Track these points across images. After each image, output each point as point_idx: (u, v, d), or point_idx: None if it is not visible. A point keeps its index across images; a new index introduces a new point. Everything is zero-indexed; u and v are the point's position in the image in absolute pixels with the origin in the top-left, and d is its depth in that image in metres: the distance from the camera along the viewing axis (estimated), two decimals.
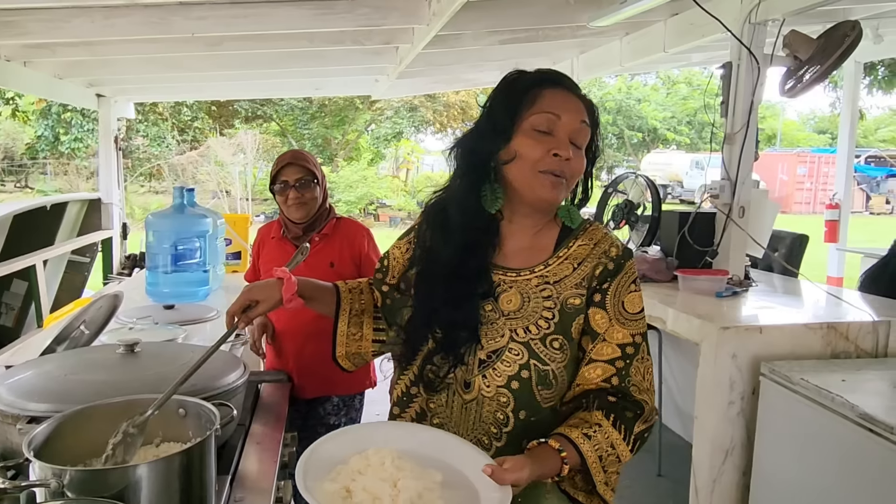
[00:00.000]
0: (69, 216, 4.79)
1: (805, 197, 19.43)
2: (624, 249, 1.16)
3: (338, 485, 0.93)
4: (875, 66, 7.82)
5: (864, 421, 1.76)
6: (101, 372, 1.27)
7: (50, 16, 3.04)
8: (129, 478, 0.91)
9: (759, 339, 2.24)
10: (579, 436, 1.03)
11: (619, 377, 1.09)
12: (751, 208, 3.00)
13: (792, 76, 3.13)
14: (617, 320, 1.11)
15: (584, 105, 1.15)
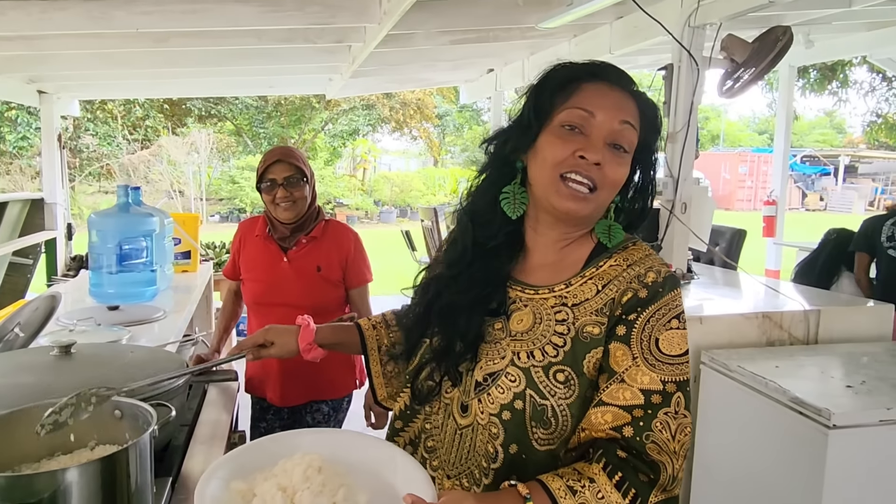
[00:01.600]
0: (9, 216, 4.58)
1: (746, 194, 20.10)
2: (666, 277, 0.92)
3: (245, 483, 0.87)
4: (807, 69, 8.14)
5: (794, 404, 1.82)
6: (32, 374, 1.21)
7: None
8: (58, 482, 0.86)
9: (700, 328, 2.30)
10: (561, 487, 0.82)
11: (635, 428, 0.86)
12: (692, 204, 3.07)
13: (729, 78, 3.23)
14: (645, 361, 0.87)
15: (636, 103, 0.96)
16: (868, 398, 1.82)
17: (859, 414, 1.74)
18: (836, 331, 2.41)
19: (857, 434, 1.73)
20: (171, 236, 2.99)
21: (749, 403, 2.01)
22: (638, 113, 0.96)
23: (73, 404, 0.98)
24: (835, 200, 20.50)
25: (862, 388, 1.90)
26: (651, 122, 0.97)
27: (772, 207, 5.83)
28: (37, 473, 0.91)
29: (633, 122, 0.94)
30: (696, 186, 3.14)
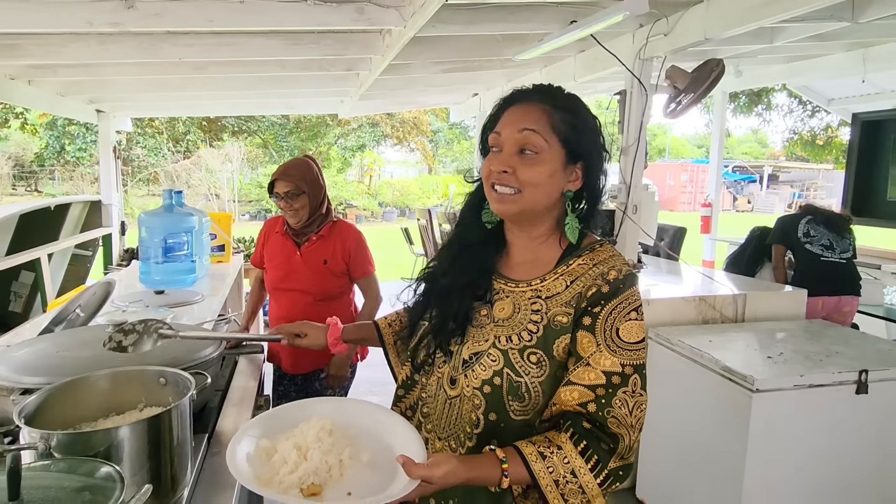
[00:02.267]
0: (72, 215, 4.53)
1: (687, 198, 20.15)
2: (627, 275, 0.90)
3: (270, 441, 0.87)
4: (738, 95, 8.16)
5: (724, 372, 1.84)
6: (91, 348, 1.19)
7: (49, 41, 2.84)
8: (112, 438, 0.86)
9: (648, 309, 2.31)
10: (533, 452, 0.82)
11: (598, 405, 0.85)
12: (641, 206, 3.08)
13: (672, 101, 3.23)
14: (608, 347, 0.86)
15: (542, 111, 0.92)
16: (785, 367, 1.84)
17: (777, 380, 1.76)
18: (760, 311, 2.43)
19: (775, 396, 1.75)
20: (208, 232, 2.96)
21: (687, 371, 2.02)
22: (544, 117, 0.92)
23: (139, 332, 0.96)
24: (760, 203, 20.63)
25: (780, 358, 1.91)
26: (570, 123, 0.93)
27: (708, 209, 5.85)
28: (94, 430, 0.90)
29: (536, 126, 0.91)
30: (644, 191, 3.15)
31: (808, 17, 2.76)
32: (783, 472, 1.80)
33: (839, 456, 1.84)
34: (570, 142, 0.92)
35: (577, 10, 2.87)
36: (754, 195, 21.33)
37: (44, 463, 0.80)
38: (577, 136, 0.93)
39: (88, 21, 2.33)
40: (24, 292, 3.94)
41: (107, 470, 0.77)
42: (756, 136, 26.40)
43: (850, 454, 1.86)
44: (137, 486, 0.87)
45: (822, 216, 3.16)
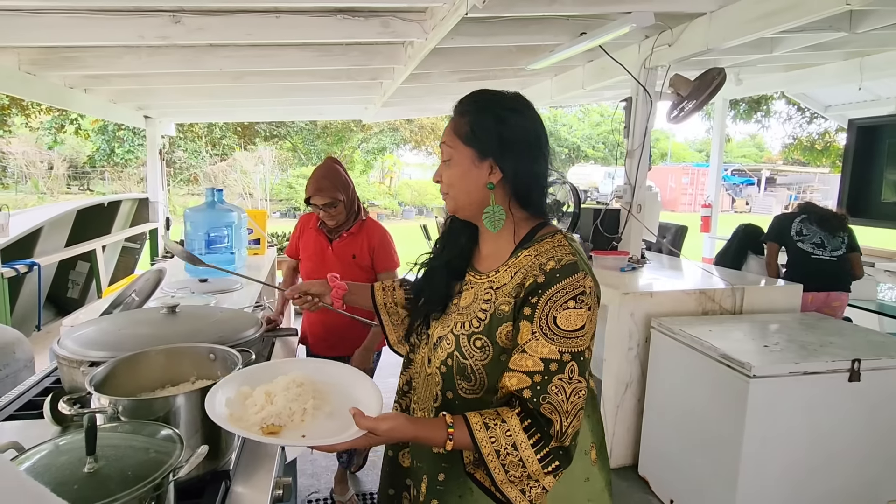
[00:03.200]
0: (123, 211, 4.64)
1: (688, 200, 19.87)
2: (565, 265, 0.85)
3: (249, 388, 0.91)
4: (738, 102, 8.03)
5: (723, 359, 1.83)
6: (148, 327, 1.24)
7: (104, 53, 2.92)
8: (171, 405, 0.90)
9: (651, 301, 2.30)
10: (478, 422, 0.82)
11: (533, 391, 0.82)
12: (645, 206, 3.07)
13: (675, 108, 3.21)
14: (545, 335, 0.83)
15: (454, 120, 0.95)
16: (780, 355, 1.82)
17: (773, 367, 1.74)
18: (757, 304, 2.40)
19: (771, 382, 1.73)
20: (245, 227, 3.02)
21: (688, 359, 2.01)
22: (451, 126, 0.95)
23: None
24: (758, 205, 20.24)
25: (776, 347, 1.89)
26: (472, 126, 0.93)
27: (708, 209, 5.79)
28: (156, 398, 0.94)
29: (447, 138, 0.95)
30: (648, 192, 3.13)
31: (806, 27, 2.72)
32: (777, 453, 1.79)
33: (831, 439, 1.83)
34: (472, 141, 0.92)
35: (587, 23, 2.86)
36: (752, 197, 20.95)
37: (112, 425, 0.84)
38: (477, 135, 0.92)
39: (140, 35, 2.40)
40: (80, 280, 4.05)
41: (167, 432, 0.81)
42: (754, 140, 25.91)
43: (842, 438, 1.84)
44: (193, 447, 0.91)
45: (817, 215, 3.11)
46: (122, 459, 0.75)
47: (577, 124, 22.44)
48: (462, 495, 0.93)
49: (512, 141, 0.92)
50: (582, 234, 3.25)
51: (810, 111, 8.16)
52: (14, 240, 2.90)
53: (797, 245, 3.09)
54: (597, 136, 21.94)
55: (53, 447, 0.77)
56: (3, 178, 15.52)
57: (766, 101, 8.21)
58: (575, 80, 3.97)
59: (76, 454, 0.73)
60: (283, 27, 2.50)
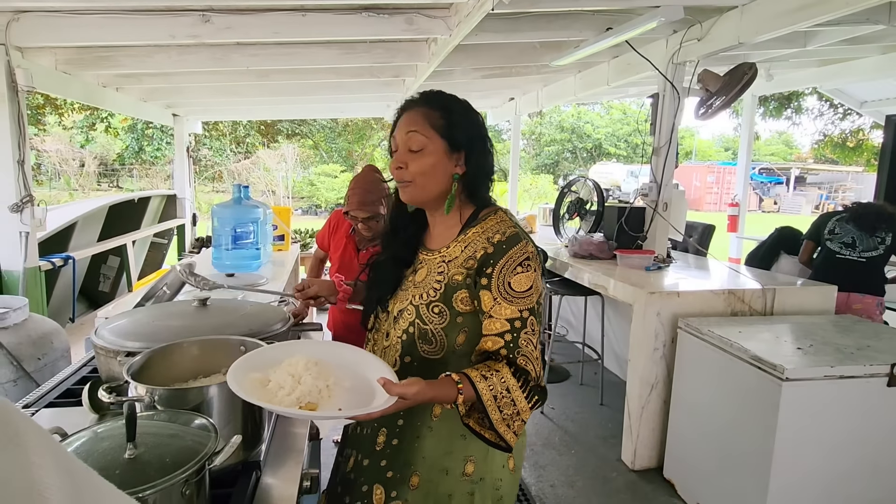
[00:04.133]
0: (151, 207, 4.76)
1: (713, 199, 19.46)
2: (509, 237, 0.99)
3: (261, 374, 0.92)
4: (767, 98, 7.81)
5: (754, 361, 1.78)
6: (181, 319, 1.27)
7: (136, 52, 2.99)
8: (204, 395, 0.92)
9: (677, 301, 2.26)
10: (477, 375, 0.94)
11: (507, 348, 0.96)
12: (671, 204, 3.01)
13: (703, 104, 3.14)
14: (505, 299, 0.96)
15: (424, 112, 1.01)
16: (815, 357, 1.77)
17: (807, 370, 1.69)
18: (788, 305, 2.34)
19: (805, 386, 1.68)
20: (271, 223, 3.06)
21: (717, 360, 1.97)
22: (423, 118, 1.01)
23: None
24: (786, 204, 19.68)
25: (810, 350, 1.84)
26: (446, 119, 1.01)
27: (735, 209, 5.67)
28: (190, 388, 0.96)
29: (418, 128, 1.00)
30: (675, 190, 3.07)
31: (843, 20, 2.63)
32: (811, 459, 1.74)
33: (869, 446, 1.77)
34: (448, 135, 1.01)
35: (613, 18, 2.82)
36: (781, 196, 20.37)
37: (149, 413, 0.86)
38: (453, 130, 1.01)
39: (171, 34, 2.45)
40: (111, 274, 4.17)
41: (202, 421, 0.82)
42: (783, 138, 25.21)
43: (880, 445, 1.77)
44: (225, 437, 0.93)
45: (855, 213, 2.98)
46: (160, 447, 0.76)
47: (600, 121, 22.16)
48: (420, 436, 1.06)
49: (475, 137, 1.04)
50: (606, 233, 3.21)
51: (843, 107, 7.90)
52: (50, 234, 3.00)
53: (826, 243, 3.00)
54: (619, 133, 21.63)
55: (93, 434, 0.80)
56: (38, 174, 16.06)
57: (797, 98, 7.97)
58: (600, 76, 3.92)
59: (117, 440, 0.75)
60: (309, 25, 2.53)
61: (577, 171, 21.74)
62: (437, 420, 1.06)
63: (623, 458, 2.42)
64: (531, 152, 21.20)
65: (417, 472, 1.06)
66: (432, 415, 1.06)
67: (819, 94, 7.58)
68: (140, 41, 2.65)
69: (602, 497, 2.20)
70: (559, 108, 21.16)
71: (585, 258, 3.03)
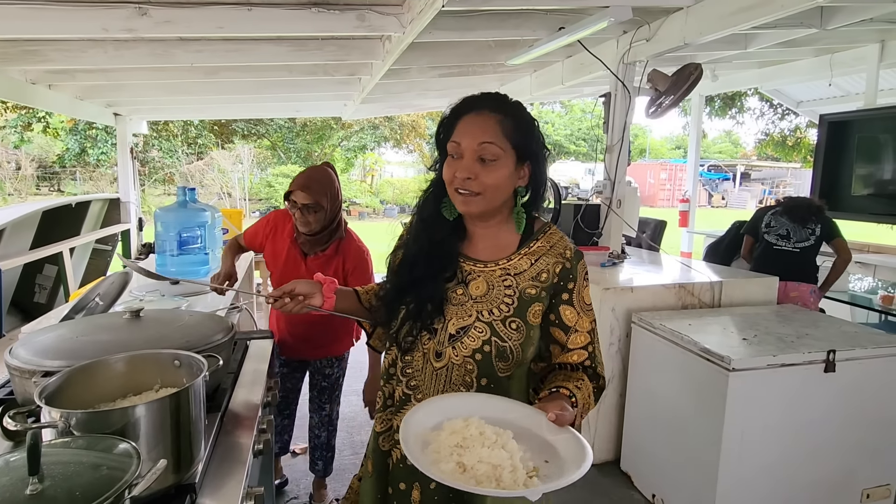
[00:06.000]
0: (92, 212, 4.48)
1: (666, 195, 20.17)
2: (576, 252, 1.03)
3: (451, 464, 0.79)
4: (713, 98, 8.14)
5: (703, 353, 1.83)
6: (109, 333, 1.17)
7: (67, 47, 2.79)
8: (129, 417, 0.84)
9: (631, 296, 2.30)
10: (573, 387, 0.96)
11: (591, 359, 1.01)
12: (625, 201, 3.07)
13: (653, 103, 3.22)
14: (584, 312, 1.01)
15: (498, 120, 0.96)
16: (759, 348, 1.83)
17: (752, 360, 1.75)
18: (735, 297, 2.42)
19: (750, 375, 1.74)
20: (220, 227, 2.93)
21: (668, 353, 2.01)
22: (498, 127, 0.96)
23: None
24: (733, 199, 20.67)
25: (754, 340, 1.90)
26: (519, 130, 0.97)
27: (686, 204, 5.87)
28: (112, 409, 0.88)
29: (493, 139, 0.95)
30: (628, 187, 3.13)
31: (779, 23, 2.74)
32: (757, 446, 1.80)
33: (809, 430, 1.84)
34: (519, 146, 0.98)
35: (565, 18, 2.84)
36: (728, 192, 21.37)
37: (64, 440, 0.78)
38: (525, 140, 0.98)
39: (104, 28, 2.29)
40: (47, 284, 3.90)
41: (124, 446, 0.75)
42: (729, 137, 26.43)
43: (820, 429, 1.86)
44: (154, 461, 0.85)
45: (787, 207, 3.13)
46: (70, 478, 0.69)
47: (559, 121, 22.58)
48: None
49: (540, 148, 1.02)
50: (563, 230, 3.24)
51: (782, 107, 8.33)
52: None
53: (763, 236, 3.13)
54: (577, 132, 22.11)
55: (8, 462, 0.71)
56: None
57: (741, 98, 8.35)
58: (554, 75, 3.96)
59: (19, 474, 0.67)
60: (256, 20, 2.42)
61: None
62: None
63: None
64: None
65: None
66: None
67: (760, 94, 7.97)
68: (70, 34, 2.47)
69: (559, 492, 2.19)
70: None
71: None
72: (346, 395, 2.25)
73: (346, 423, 2.82)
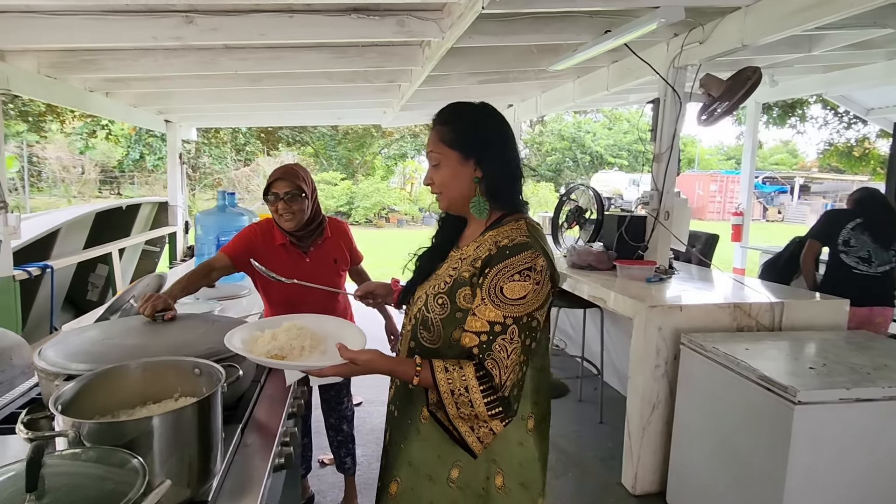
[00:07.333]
0: (142, 215, 4.67)
1: (716, 208, 19.34)
2: (517, 244, 1.00)
3: (260, 333, 1.11)
4: (771, 106, 7.72)
5: (763, 382, 1.67)
6: (135, 337, 1.17)
7: (121, 55, 2.92)
8: (142, 428, 0.81)
9: (680, 315, 2.15)
10: (440, 365, 0.96)
11: (479, 348, 0.96)
12: (674, 213, 2.91)
13: (706, 110, 3.04)
14: (492, 301, 0.97)
15: (437, 129, 1.09)
16: (829, 379, 1.64)
17: (821, 392, 1.56)
18: (798, 320, 2.22)
19: (819, 410, 1.56)
20: None
21: (722, 379, 1.85)
22: (437, 136, 1.08)
23: None
24: (790, 213, 19.53)
25: (823, 369, 1.71)
26: (454, 132, 1.07)
27: (739, 218, 5.56)
28: (124, 421, 0.86)
29: (432, 147, 1.09)
30: (677, 198, 2.97)
31: (848, 24, 2.54)
32: (825, 484, 1.61)
33: (886, 470, 1.64)
34: (457, 145, 1.06)
35: (612, 20, 2.73)
36: (785, 206, 20.23)
37: (74, 451, 0.76)
38: (461, 139, 1.06)
39: (154, 36, 2.37)
40: (99, 283, 4.08)
41: (131, 461, 0.72)
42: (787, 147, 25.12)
43: None
44: (167, 474, 0.82)
45: (872, 222, 2.84)
46: (72, 492, 0.66)
47: (602, 132, 22.15)
48: (407, 437, 1.10)
49: (487, 139, 1.07)
50: (606, 242, 3.10)
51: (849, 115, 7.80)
52: (28, 242, 2.91)
53: (840, 256, 2.86)
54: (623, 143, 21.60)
55: (11, 474, 0.69)
56: (39, 182, 16.06)
57: (802, 106, 7.88)
58: (599, 81, 3.83)
59: (18, 487, 0.64)
60: (297, 27, 2.45)
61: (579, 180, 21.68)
62: (426, 423, 1.06)
63: (623, 481, 2.30)
64: (533, 161, 21.17)
65: (397, 479, 1.10)
66: (421, 416, 1.07)
67: (824, 101, 7.50)
68: (122, 43, 2.57)
69: None
70: (560, 117, 21.16)
71: (584, 269, 2.92)
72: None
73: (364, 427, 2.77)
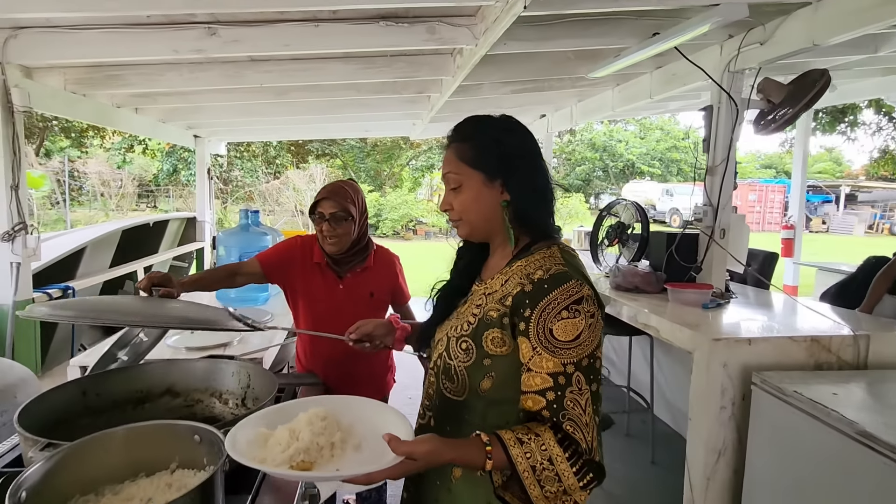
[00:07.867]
0: (170, 231, 4.66)
1: (756, 218, 18.56)
2: (553, 275, 0.85)
3: (269, 431, 0.83)
4: (818, 112, 7.29)
5: (863, 438, 1.40)
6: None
7: (146, 70, 2.86)
8: None
9: (748, 349, 1.89)
10: (512, 438, 0.79)
11: (550, 409, 0.80)
12: (730, 230, 2.64)
13: (764, 117, 2.78)
14: (546, 349, 0.82)
15: (454, 148, 0.97)
16: None
17: None
18: (886, 356, 1.92)
19: None
20: None
21: (806, 428, 1.58)
22: (455, 155, 0.96)
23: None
24: (836, 224, 18.57)
25: None
26: (475, 149, 0.95)
27: (790, 231, 5.20)
28: None
29: (450, 167, 0.96)
30: (734, 214, 2.70)
31: None
32: None
33: None
34: (478, 164, 0.94)
35: (660, 22, 2.52)
36: (829, 215, 19.26)
37: None
38: (485, 157, 0.94)
39: (175, 49, 2.29)
40: None
41: None
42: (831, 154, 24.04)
43: None
44: None
45: None
46: None
47: (634, 140, 21.69)
48: (437, 499, 0.95)
49: (514, 157, 0.94)
50: (652, 262, 2.85)
51: None
52: (50, 263, 2.86)
53: None
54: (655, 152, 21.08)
55: None
56: (79, 196, 16.65)
57: (853, 111, 7.41)
58: (641, 88, 3.60)
59: None
60: (323, 36, 2.33)
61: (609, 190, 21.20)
62: (457, 482, 0.92)
63: None
64: (562, 171, 20.85)
65: None
66: (452, 476, 0.93)
67: (879, 106, 7.03)
68: (144, 57, 2.50)
69: None
70: (591, 126, 20.81)
71: (630, 291, 2.68)
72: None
73: None
